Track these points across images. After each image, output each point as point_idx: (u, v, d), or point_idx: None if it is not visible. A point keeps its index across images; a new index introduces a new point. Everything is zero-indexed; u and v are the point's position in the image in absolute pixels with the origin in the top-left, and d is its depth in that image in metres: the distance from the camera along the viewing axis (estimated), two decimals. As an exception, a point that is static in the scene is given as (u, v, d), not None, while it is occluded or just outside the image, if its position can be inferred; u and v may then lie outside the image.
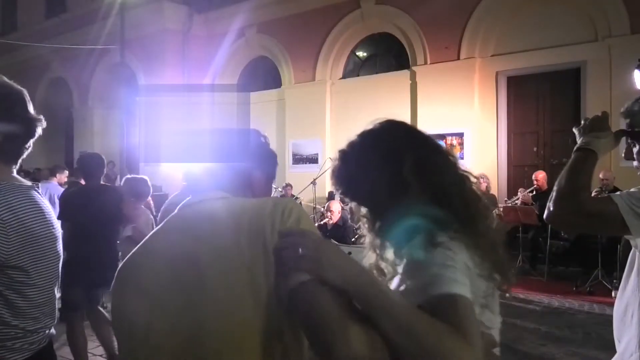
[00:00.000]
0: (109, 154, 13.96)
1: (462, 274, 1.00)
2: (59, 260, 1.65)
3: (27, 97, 1.61)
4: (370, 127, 1.26)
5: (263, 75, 13.06)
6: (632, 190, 1.44)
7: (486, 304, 1.09)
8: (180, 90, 9.45)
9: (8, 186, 1.51)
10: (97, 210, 3.82)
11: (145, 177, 4.62)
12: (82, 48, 13.73)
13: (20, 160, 1.65)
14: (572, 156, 1.54)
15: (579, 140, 1.57)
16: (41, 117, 1.64)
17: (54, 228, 1.63)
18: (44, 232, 1.55)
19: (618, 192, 1.46)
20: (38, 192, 1.64)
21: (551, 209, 1.48)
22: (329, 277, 0.91)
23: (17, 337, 1.48)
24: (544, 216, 1.51)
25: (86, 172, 4.21)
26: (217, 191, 1.15)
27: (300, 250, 0.92)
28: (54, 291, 1.63)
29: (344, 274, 0.92)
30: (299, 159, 11.50)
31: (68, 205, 3.99)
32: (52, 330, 1.63)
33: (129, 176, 4.68)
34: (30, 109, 1.61)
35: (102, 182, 4.23)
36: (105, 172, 4.27)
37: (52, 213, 1.66)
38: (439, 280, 0.97)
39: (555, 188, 1.49)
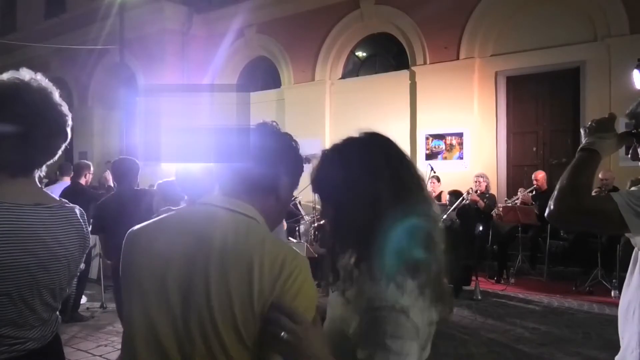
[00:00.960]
0: (108, 154, 13.98)
1: (408, 344, 1.08)
2: (30, 286, 1.43)
3: (27, 92, 1.42)
4: (355, 135, 1.27)
5: (262, 76, 13.06)
6: (632, 189, 1.45)
7: (425, 345, 1.16)
8: (180, 90, 9.45)
9: None
10: (132, 215, 3.76)
11: (132, 159, 4.53)
12: (81, 48, 13.73)
13: (37, 171, 1.48)
14: (576, 156, 1.56)
15: (583, 140, 1.58)
16: (68, 113, 1.47)
17: (31, 255, 1.41)
18: (7, 260, 1.36)
19: (618, 191, 1.47)
20: (54, 210, 1.48)
21: (551, 207, 1.49)
22: None
23: None
24: (545, 214, 1.53)
25: (118, 177, 4.16)
26: (243, 202, 1.16)
27: (283, 334, 0.99)
28: (15, 320, 1.43)
29: None
30: (298, 159, 11.48)
31: (102, 216, 3.93)
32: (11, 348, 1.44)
33: (160, 181, 4.56)
34: (35, 105, 1.42)
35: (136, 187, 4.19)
36: (99, 174, 4.20)
37: (48, 236, 1.46)
38: (385, 354, 1.06)
39: (557, 187, 1.50)
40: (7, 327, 1.44)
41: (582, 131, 1.62)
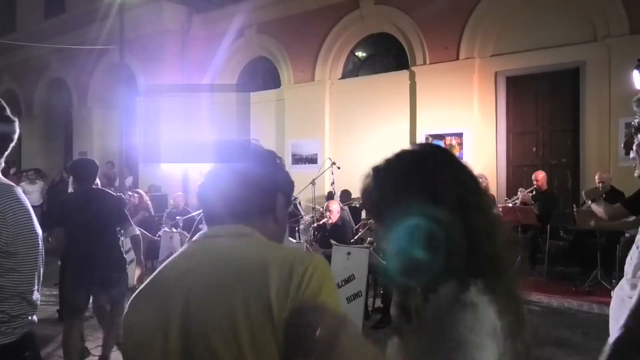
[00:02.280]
0: (108, 154, 13.98)
1: (489, 339, 0.95)
2: (40, 252, 1.81)
3: None
4: (410, 148, 1.14)
5: (262, 76, 13.05)
6: None
7: None
8: (180, 90, 9.46)
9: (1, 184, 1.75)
10: (90, 213, 3.82)
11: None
12: (81, 48, 13.73)
13: (3, 159, 1.81)
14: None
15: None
16: (15, 118, 1.84)
17: (36, 223, 1.82)
18: (29, 224, 1.76)
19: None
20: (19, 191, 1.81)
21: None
22: None
23: (2, 322, 1.67)
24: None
25: (78, 177, 4.17)
26: (237, 225, 1.11)
27: (316, 332, 0.85)
28: (35, 281, 1.80)
29: None
30: (298, 159, 11.49)
31: (61, 212, 4.00)
32: (34, 318, 1.81)
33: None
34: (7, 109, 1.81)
35: (95, 186, 4.23)
36: (98, 174, 4.23)
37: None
38: (464, 346, 0.93)
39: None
40: (32, 292, 1.78)
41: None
